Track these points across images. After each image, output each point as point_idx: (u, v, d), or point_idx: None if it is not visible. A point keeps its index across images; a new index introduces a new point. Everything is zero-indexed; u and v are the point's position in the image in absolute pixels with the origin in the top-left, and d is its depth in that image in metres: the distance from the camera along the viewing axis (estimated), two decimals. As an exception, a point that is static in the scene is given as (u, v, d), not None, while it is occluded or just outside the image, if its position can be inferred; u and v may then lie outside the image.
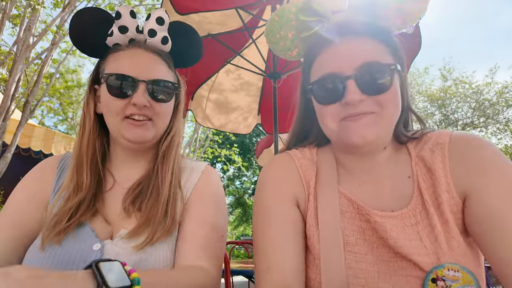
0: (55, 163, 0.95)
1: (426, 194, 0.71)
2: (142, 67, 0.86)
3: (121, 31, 0.89)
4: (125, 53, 0.88)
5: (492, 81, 16.02)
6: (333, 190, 0.78)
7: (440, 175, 0.70)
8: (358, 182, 0.79)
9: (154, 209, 0.83)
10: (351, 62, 0.70)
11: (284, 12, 0.82)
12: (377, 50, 0.72)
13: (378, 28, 0.74)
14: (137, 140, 0.87)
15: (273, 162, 0.87)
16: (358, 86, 0.69)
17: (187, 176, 0.97)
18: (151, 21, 0.90)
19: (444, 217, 0.68)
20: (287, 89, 3.43)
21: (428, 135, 0.78)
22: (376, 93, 0.70)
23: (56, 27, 5.32)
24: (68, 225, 0.79)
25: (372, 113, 0.70)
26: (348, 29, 0.73)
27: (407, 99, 0.79)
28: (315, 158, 0.85)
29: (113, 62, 0.87)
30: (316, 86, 0.75)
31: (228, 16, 2.96)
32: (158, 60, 0.90)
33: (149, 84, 0.85)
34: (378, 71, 0.70)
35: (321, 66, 0.75)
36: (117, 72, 0.84)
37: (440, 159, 0.72)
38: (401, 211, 0.71)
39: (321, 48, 0.75)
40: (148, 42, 0.91)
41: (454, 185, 0.69)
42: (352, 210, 0.76)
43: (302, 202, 0.80)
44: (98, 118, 0.92)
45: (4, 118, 4.66)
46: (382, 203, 0.74)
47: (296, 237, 0.76)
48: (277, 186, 0.81)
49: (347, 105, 0.70)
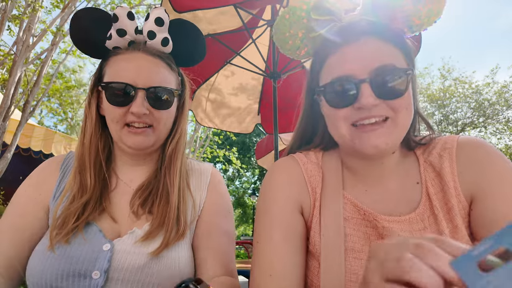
0: (57, 164, 0.95)
1: (435, 199, 0.71)
2: (141, 73, 0.83)
3: (119, 34, 0.86)
4: (125, 57, 0.86)
5: (492, 81, 16.03)
6: (338, 196, 0.77)
7: (449, 180, 0.70)
8: (365, 188, 0.78)
9: (166, 214, 0.84)
10: (365, 65, 0.68)
11: (295, 10, 0.80)
12: (392, 53, 0.69)
13: (392, 30, 0.72)
14: (137, 147, 0.86)
15: (277, 167, 0.84)
16: (373, 90, 0.67)
17: (195, 180, 0.97)
18: (150, 22, 0.87)
19: (454, 223, 0.68)
20: (287, 89, 3.44)
21: (435, 140, 0.78)
22: (391, 98, 0.68)
23: (56, 27, 5.32)
24: (76, 225, 0.79)
25: (386, 119, 0.69)
26: (361, 30, 0.70)
27: (416, 104, 0.77)
28: (321, 162, 0.83)
29: (113, 66, 0.86)
30: (328, 88, 0.72)
31: (227, 16, 2.96)
32: (158, 64, 0.87)
33: (149, 91, 0.83)
34: (394, 74, 0.67)
35: (333, 67, 0.73)
36: (116, 80, 0.83)
37: (448, 163, 0.72)
38: (409, 216, 0.70)
39: (333, 48, 0.73)
40: (148, 44, 0.89)
41: (462, 189, 0.69)
42: (358, 216, 0.75)
43: (306, 208, 0.79)
44: (101, 118, 0.91)
45: (4, 118, 4.66)
46: (390, 208, 0.73)
47: (298, 244, 0.75)
48: (282, 191, 0.79)
49: (360, 109, 0.69)
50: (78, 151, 0.89)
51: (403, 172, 0.77)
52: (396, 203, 0.74)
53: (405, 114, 0.69)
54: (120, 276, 0.76)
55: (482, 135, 16.34)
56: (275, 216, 0.77)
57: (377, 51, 0.69)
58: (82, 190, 0.84)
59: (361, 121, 0.70)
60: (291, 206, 0.78)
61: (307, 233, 0.78)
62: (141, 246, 0.79)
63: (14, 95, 4.81)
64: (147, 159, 0.95)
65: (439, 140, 0.78)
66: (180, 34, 0.93)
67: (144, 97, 0.83)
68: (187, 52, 0.96)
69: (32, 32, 4.97)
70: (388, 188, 0.77)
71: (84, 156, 0.87)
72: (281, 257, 0.72)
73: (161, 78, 0.86)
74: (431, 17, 0.71)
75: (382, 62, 0.67)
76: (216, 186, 0.98)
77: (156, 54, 0.88)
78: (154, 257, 0.78)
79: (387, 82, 0.67)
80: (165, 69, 0.88)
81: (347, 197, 0.77)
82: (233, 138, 16.55)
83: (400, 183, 0.76)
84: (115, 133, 0.86)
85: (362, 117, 0.69)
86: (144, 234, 0.81)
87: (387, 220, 0.70)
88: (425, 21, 0.72)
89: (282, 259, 0.72)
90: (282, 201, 0.78)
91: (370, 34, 0.70)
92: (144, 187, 0.90)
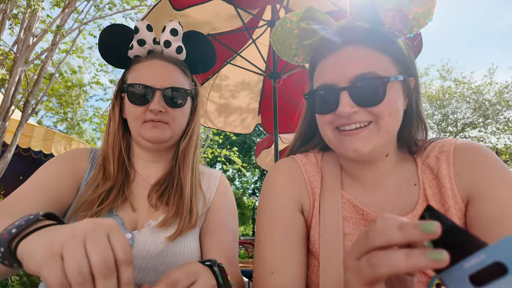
0: (86, 154, 1.02)
1: (432, 200, 0.73)
2: (158, 76, 0.95)
3: (139, 44, 0.99)
4: (144, 64, 0.98)
5: (491, 81, 16.02)
6: (336, 196, 0.78)
7: (446, 182, 0.72)
8: (362, 189, 0.80)
9: (180, 204, 0.94)
10: (346, 73, 0.70)
11: (286, 22, 0.84)
12: (374, 60, 0.70)
13: (379, 35, 0.72)
14: (155, 139, 0.96)
15: (278, 167, 0.87)
16: (351, 98, 0.69)
17: (206, 181, 1.08)
18: (166, 32, 0.99)
19: None
20: (288, 89, 3.44)
21: (433, 144, 0.80)
22: (369, 105, 0.69)
23: (56, 27, 5.32)
24: (100, 209, 0.87)
25: (368, 123, 0.71)
26: (347, 37, 0.72)
27: (416, 107, 0.77)
28: (320, 163, 0.85)
29: (134, 72, 0.98)
30: (313, 96, 0.76)
31: (227, 15, 2.96)
32: (173, 69, 0.99)
33: (164, 91, 0.94)
34: (371, 83, 0.68)
35: (320, 74, 0.76)
36: (136, 82, 0.95)
37: (445, 166, 0.74)
38: (406, 216, 0.71)
39: (322, 55, 0.76)
40: (164, 52, 1.01)
41: (458, 191, 0.71)
42: (357, 216, 0.76)
43: (306, 207, 0.81)
44: (124, 121, 1.03)
45: (4, 118, 4.66)
46: (387, 210, 0.75)
47: (299, 243, 0.77)
48: (282, 191, 0.81)
49: (340, 116, 0.71)
50: (103, 148, 0.99)
51: (401, 174, 0.79)
52: (393, 205, 0.76)
53: (389, 119, 0.70)
54: (138, 263, 0.84)
55: (481, 135, 16.34)
56: (277, 215, 0.79)
57: (359, 59, 0.70)
58: (105, 178, 0.94)
59: (342, 126, 0.72)
60: (292, 205, 0.80)
61: (307, 232, 0.80)
62: (158, 231, 0.89)
63: (14, 95, 4.81)
64: (163, 156, 1.05)
65: (436, 143, 0.79)
66: (193, 43, 1.05)
67: (161, 97, 0.94)
68: (199, 60, 1.08)
69: (33, 31, 4.97)
70: (385, 189, 0.78)
71: (108, 152, 0.98)
72: (283, 255, 0.74)
73: (175, 80, 0.97)
74: (421, 18, 0.71)
75: (362, 70, 0.69)
76: (224, 189, 1.09)
77: (172, 61, 1.00)
78: (170, 243, 0.88)
79: (365, 90, 0.69)
80: (179, 73, 1.00)
81: (346, 197, 0.78)
82: (233, 138, 16.56)
83: (398, 185, 0.78)
84: (135, 130, 0.97)
85: (342, 123, 0.72)
86: (161, 221, 0.90)
87: None
88: (414, 23, 0.72)
89: (283, 257, 0.74)
90: (283, 200, 0.80)
91: (355, 41, 0.71)
92: (161, 182, 1.00)
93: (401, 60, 0.74)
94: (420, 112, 0.79)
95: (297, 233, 0.77)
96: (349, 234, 0.75)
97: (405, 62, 0.74)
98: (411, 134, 0.79)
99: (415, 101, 0.77)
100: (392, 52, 0.72)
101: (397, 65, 0.73)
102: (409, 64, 0.75)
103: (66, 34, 5.42)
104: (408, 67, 0.75)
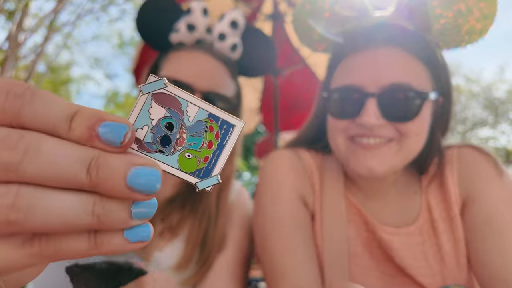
0: None
1: (435, 210, 0.70)
2: (203, 75, 0.80)
3: (189, 29, 0.83)
4: (188, 55, 0.83)
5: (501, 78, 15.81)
6: (340, 197, 0.73)
7: (450, 188, 0.70)
8: (364, 197, 0.75)
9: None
10: (378, 78, 0.62)
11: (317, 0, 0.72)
12: (414, 70, 0.63)
13: (423, 42, 0.64)
14: None
15: (277, 157, 0.78)
16: (379, 108, 0.61)
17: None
18: (224, 23, 0.84)
19: (456, 235, 0.67)
20: (291, 89, 3.29)
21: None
22: (398, 121, 0.62)
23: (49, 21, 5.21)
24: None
25: (390, 141, 0.63)
26: (386, 36, 0.64)
27: (443, 130, 0.72)
28: (319, 163, 0.79)
29: (173, 62, 0.83)
30: (333, 96, 0.68)
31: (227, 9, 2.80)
32: (221, 69, 0.83)
33: (205, 95, 0.80)
34: (406, 96, 0.61)
35: (344, 72, 0.68)
36: (175, 77, 0.80)
37: (449, 173, 0.71)
38: (407, 228, 0.69)
39: (349, 51, 0.67)
40: (215, 47, 0.85)
41: (459, 194, 0.69)
42: (360, 220, 0.73)
43: (309, 201, 0.74)
44: None
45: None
46: (388, 219, 0.72)
47: (308, 239, 0.70)
48: (284, 182, 0.74)
49: (361, 126, 0.63)
50: None
51: (404, 183, 0.75)
52: (395, 214, 0.73)
53: (415, 140, 0.64)
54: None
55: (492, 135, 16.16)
56: (281, 208, 0.71)
57: (396, 65, 0.63)
58: None
59: (359, 137, 0.65)
60: (295, 197, 0.72)
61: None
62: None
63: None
64: None
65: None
66: (250, 42, 0.89)
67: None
68: (253, 64, 0.92)
69: (23, 26, 4.86)
70: (387, 199, 0.74)
71: None
72: (293, 252, 0.66)
73: (220, 83, 0.82)
74: (473, 35, 0.63)
75: (397, 79, 0.61)
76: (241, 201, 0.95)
77: (221, 58, 0.84)
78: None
79: (397, 102, 0.61)
80: (226, 76, 0.84)
81: (350, 199, 0.74)
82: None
83: (400, 194, 0.75)
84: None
85: (361, 133, 0.64)
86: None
87: (386, 232, 0.69)
88: (465, 38, 0.64)
89: (294, 254, 0.66)
90: (286, 191, 0.72)
91: (394, 42, 0.64)
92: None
93: (438, 75, 0.66)
94: (439, 136, 0.71)
95: (304, 228, 0.70)
96: (352, 238, 0.71)
97: (441, 78, 0.67)
98: (426, 156, 0.71)
99: (444, 123, 0.71)
100: (432, 64, 0.65)
101: (433, 80, 0.66)
102: (445, 82, 0.68)
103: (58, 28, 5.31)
104: (443, 85, 0.67)
